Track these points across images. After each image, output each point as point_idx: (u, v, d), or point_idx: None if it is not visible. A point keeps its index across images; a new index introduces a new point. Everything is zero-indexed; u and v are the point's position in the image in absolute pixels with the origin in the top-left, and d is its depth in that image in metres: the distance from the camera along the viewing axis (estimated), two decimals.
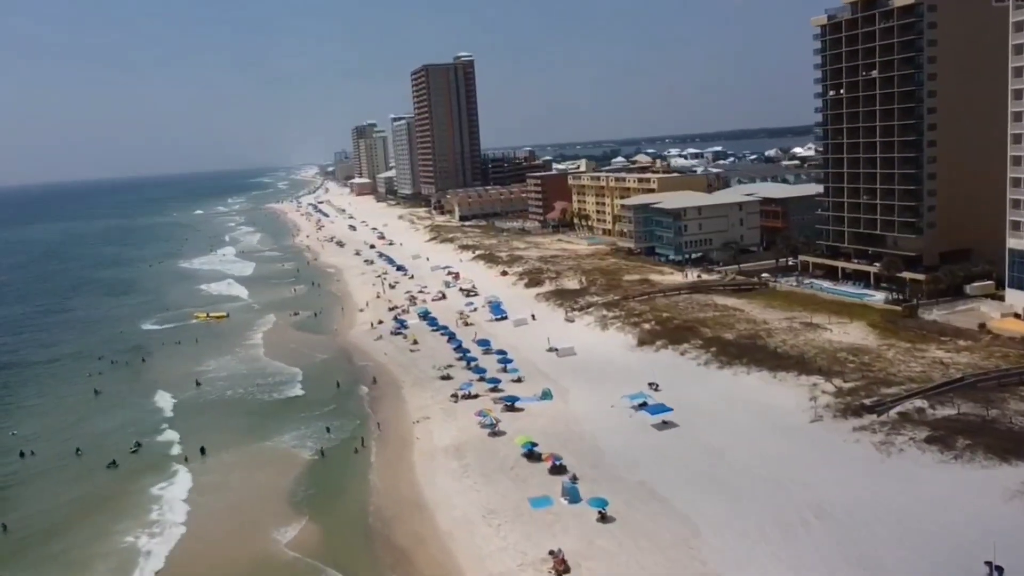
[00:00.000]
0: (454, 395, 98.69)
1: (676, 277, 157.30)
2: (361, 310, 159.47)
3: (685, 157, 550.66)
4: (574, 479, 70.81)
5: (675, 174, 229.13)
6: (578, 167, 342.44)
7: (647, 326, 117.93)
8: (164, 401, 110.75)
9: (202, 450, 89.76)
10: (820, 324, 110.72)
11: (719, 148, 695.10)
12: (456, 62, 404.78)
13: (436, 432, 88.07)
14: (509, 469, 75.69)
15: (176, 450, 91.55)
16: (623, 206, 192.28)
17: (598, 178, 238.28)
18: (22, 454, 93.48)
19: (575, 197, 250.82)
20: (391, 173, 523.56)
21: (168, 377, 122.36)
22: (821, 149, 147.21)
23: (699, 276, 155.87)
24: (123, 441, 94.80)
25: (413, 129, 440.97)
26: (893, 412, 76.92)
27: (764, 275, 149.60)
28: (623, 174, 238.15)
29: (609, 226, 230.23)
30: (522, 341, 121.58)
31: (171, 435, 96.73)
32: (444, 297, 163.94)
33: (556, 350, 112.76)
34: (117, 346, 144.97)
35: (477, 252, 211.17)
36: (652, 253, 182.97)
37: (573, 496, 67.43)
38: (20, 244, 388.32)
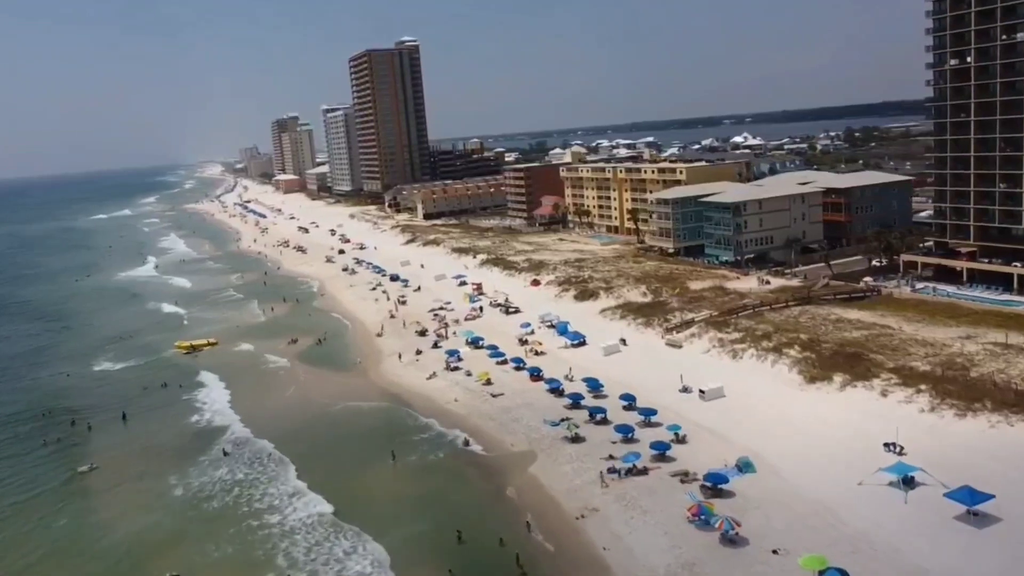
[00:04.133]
0: (612, 469, 71.02)
1: (750, 282, 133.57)
2: (379, 335, 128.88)
3: (618, 148, 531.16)
4: None
5: (702, 163, 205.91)
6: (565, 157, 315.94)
7: (793, 352, 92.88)
8: (180, 486, 78.74)
9: None
10: (1018, 345, 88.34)
11: (651, 139, 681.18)
12: (401, 47, 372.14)
13: (628, 538, 60.26)
14: None
15: None
16: (658, 200, 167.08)
17: (602, 170, 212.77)
18: None
19: (570, 191, 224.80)
20: (323, 169, 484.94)
21: (172, 444, 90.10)
22: (933, 129, 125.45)
23: (767, 280, 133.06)
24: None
25: (352, 120, 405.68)
26: None
27: (866, 279, 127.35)
28: (633, 164, 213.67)
29: (615, 223, 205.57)
30: (634, 377, 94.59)
31: (212, 549, 65.42)
32: (481, 313, 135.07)
33: (702, 392, 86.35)
34: (70, 400, 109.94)
35: (481, 257, 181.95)
36: (698, 253, 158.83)
37: None
38: None
